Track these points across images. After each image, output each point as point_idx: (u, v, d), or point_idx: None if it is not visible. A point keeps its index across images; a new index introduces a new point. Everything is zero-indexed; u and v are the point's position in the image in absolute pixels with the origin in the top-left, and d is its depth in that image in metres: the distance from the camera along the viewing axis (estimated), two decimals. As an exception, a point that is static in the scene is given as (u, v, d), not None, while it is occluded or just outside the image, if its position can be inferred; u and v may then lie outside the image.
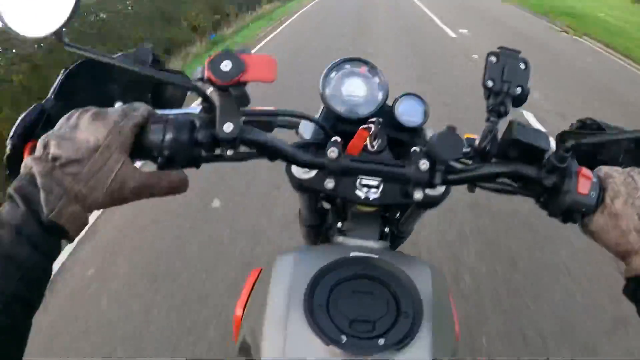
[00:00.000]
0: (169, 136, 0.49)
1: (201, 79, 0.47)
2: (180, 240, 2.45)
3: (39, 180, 0.44)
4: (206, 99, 0.49)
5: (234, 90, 0.46)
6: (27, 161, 0.45)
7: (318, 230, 0.92)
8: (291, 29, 9.07)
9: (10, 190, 0.44)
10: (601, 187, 0.51)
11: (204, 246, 2.40)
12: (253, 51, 0.56)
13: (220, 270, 2.22)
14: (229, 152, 0.51)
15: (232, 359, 0.66)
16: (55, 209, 0.43)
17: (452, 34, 8.55)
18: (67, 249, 2.38)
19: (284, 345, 0.53)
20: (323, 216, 0.90)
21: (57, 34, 0.45)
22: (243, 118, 0.51)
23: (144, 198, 0.51)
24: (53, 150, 0.45)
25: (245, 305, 0.72)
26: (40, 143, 0.47)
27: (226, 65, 0.45)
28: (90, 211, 0.48)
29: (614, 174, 0.52)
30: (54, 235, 0.44)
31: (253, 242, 2.41)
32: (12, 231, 0.41)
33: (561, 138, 0.64)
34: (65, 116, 0.49)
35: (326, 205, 0.86)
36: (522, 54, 0.57)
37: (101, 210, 2.06)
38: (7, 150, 0.56)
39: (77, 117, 0.48)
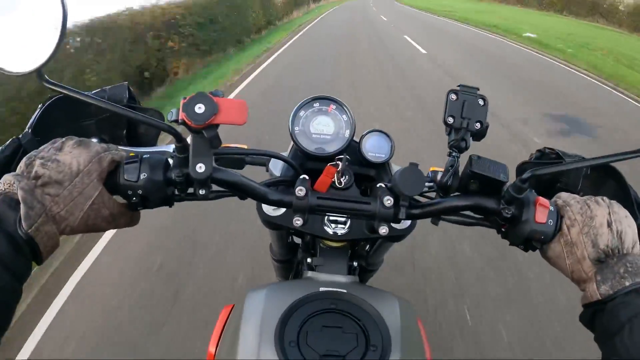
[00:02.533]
0: (143, 175, 0.51)
1: (175, 121, 0.48)
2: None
3: (20, 195, 0.44)
4: (180, 140, 0.50)
5: (206, 132, 0.48)
6: (7, 177, 0.46)
7: (290, 264, 0.92)
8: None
9: None
10: (559, 215, 0.53)
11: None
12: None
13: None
14: (202, 192, 0.53)
15: None
16: (34, 225, 0.44)
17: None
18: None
19: None
20: (294, 250, 0.90)
21: (38, 71, 0.47)
22: (214, 158, 0.53)
23: (111, 228, 0.53)
24: (37, 169, 0.47)
25: (218, 342, 0.71)
26: (23, 162, 0.48)
27: (200, 108, 0.46)
28: (63, 234, 0.49)
29: (571, 202, 0.54)
30: (25, 255, 0.44)
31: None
32: None
33: (520, 168, 0.68)
34: (51, 142, 0.51)
35: (297, 240, 0.87)
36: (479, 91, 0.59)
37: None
38: None
39: (62, 142, 0.50)
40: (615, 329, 0.45)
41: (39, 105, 0.64)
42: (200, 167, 0.49)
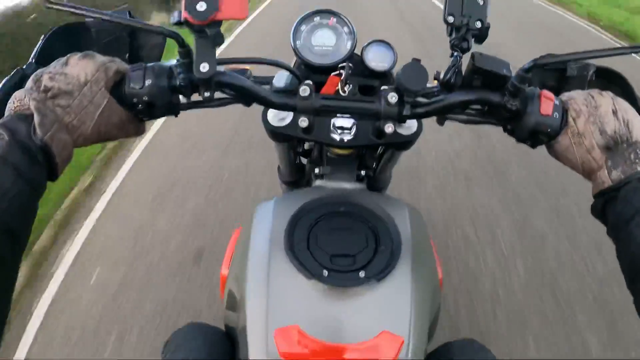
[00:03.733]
0: (148, 82, 0.52)
1: (178, 23, 0.48)
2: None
3: (33, 106, 0.45)
4: (183, 44, 0.51)
5: (209, 30, 0.48)
6: (17, 94, 0.47)
7: (297, 187, 0.94)
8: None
9: None
10: (564, 109, 0.53)
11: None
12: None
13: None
14: (206, 94, 0.53)
15: None
16: (48, 132, 0.45)
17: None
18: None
19: (267, 284, 0.54)
20: (301, 173, 0.91)
21: None
22: (217, 61, 0.53)
23: (122, 137, 0.54)
24: (45, 82, 0.48)
25: (230, 264, 0.73)
26: (31, 79, 0.49)
27: (202, 6, 0.47)
28: (77, 145, 0.50)
29: (575, 95, 0.54)
30: (40, 165, 0.45)
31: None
32: None
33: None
34: (55, 60, 0.52)
35: (304, 161, 0.88)
36: None
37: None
38: None
39: (67, 57, 0.51)
40: (629, 215, 0.45)
41: (42, 36, 0.65)
42: (204, 67, 0.50)
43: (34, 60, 0.62)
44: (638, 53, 0.53)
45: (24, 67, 0.61)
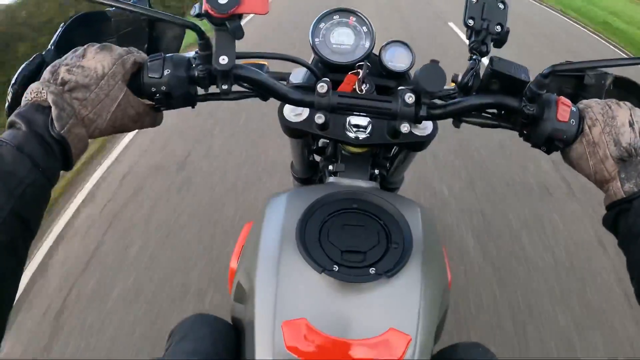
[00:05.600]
0: (167, 71, 0.52)
1: (198, 15, 0.49)
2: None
3: (51, 99, 0.46)
4: (203, 36, 0.52)
5: (229, 23, 0.49)
6: (33, 86, 0.47)
7: (310, 184, 0.94)
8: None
9: (11, 117, 0.45)
10: (580, 117, 0.53)
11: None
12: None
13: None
14: (224, 87, 0.54)
15: None
16: (66, 126, 0.46)
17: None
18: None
19: (277, 276, 0.55)
20: (314, 170, 0.92)
21: None
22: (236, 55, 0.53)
23: (136, 128, 0.54)
24: (63, 75, 0.48)
25: (239, 258, 0.73)
26: (48, 70, 0.49)
27: None
28: (92, 137, 0.51)
29: (592, 104, 0.54)
30: (55, 156, 0.45)
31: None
32: (13, 149, 0.42)
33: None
34: (72, 50, 0.52)
35: (317, 158, 0.88)
36: None
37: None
38: (9, 98, 0.58)
39: (85, 49, 0.51)
40: None
41: (61, 24, 0.66)
42: (224, 59, 0.50)
43: (53, 47, 0.63)
44: None
45: (43, 53, 0.62)
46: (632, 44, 6.88)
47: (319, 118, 0.56)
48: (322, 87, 0.55)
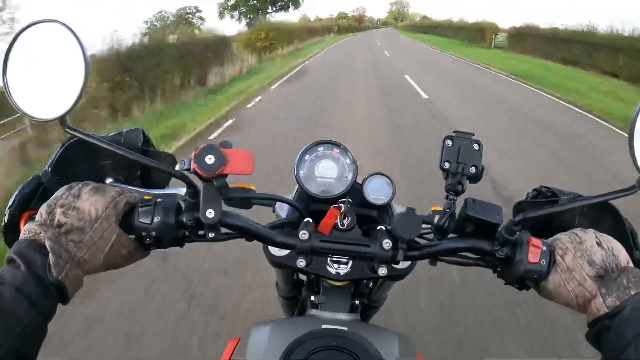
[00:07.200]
0: (157, 218, 0.54)
1: (187, 169, 0.51)
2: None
3: (48, 245, 0.47)
4: (191, 186, 0.55)
5: (216, 181, 0.51)
6: (31, 226, 0.49)
7: (295, 300, 0.93)
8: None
9: (11, 253, 0.47)
10: (551, 252, 0.55)
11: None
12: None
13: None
14: (211, 235, 0.56)
15: None
16: (63, 271, 0.47)
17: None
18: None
19: None
20: (299, 287, 0.92)
21: (61, 119, 0.50)
22: (223, 200, 0.55)
23: (128, 264, 0.56)
24: (59, 217, 0.50)
25: None
26: (44, 209, 0.51)
27: (210, 159, 0.50)
28: (87, 274, 0.52)
29: (560, 236, 0.57)
30: (52, 296, 0.47)
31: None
32: (13, 290, 0.44)
33: (516, 208, 0.70)
34: (66, 187, 0.54)
35: (302, 277, 0.88)
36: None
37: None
38: (5, 219, 0.60)
39: (79, 188, 0.53)
40: (622, 346, 0.45)
41: (59, 146, 0.68)
42: (210, 213, 0.52)
43: (50, 169, 0.65)
44: (635, 193, 0.54)
45: (40, 174, 0.64)
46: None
47: (301, 262, 0.59)
48: (304, 234, 0.58)
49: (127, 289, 2.33)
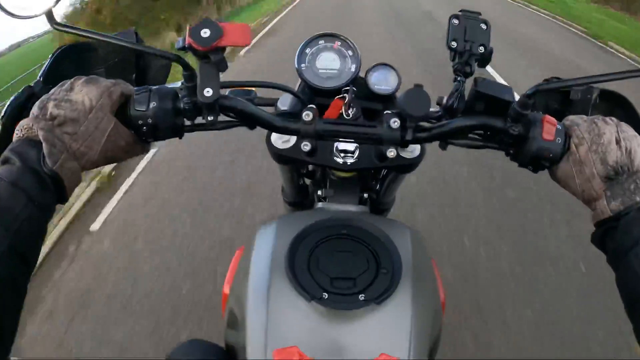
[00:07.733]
0: (153, 104, 0.53)
1: (182, 48, 0.50)
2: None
3: (41, 135, 0.46)
4: (187, 68, 0.52)
5: (213, 56, 0.49)
6: (23, 122, 0.48)
7: (301, 207, 0.94)
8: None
9: (5, 152, 0.46)
10: (566, 135, 0.53)
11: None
12: None
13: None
14: (210, 118, 0.54)
15: None
16: (58, 161, 0.46)
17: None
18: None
19: (267, 304, 0.55)
20: (305, 193, 0.92)
21: (48, 14, 0.48)
22: (221, 85, 0.54)
23: (128, 158, 0.55)
24: (51, 109, 0.49)
25: (231, 284, 0.73)
26: (36, 106, 0.50)
27: (205, 32, 0.48)
28: (85, 169, 0.51)
29: (579, 122, 0.54)
30: (50, 190, 0.46)
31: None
32: (8, 185, 0.43)
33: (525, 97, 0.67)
34: (59, 84, 0.52)
35: (308, 182, 0.88)
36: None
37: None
38: None
39: (72, 82, 0.52)
40: (628, 246, 0.45)
41: (50, 55, 0.66)
42: (208, 92, 0.51)
43: (42, 79, 0.63)
44: None
45: (32, 84, 0.63)
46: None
47: (306, 146, 0.57)
48: (307, 115, 0.56)
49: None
